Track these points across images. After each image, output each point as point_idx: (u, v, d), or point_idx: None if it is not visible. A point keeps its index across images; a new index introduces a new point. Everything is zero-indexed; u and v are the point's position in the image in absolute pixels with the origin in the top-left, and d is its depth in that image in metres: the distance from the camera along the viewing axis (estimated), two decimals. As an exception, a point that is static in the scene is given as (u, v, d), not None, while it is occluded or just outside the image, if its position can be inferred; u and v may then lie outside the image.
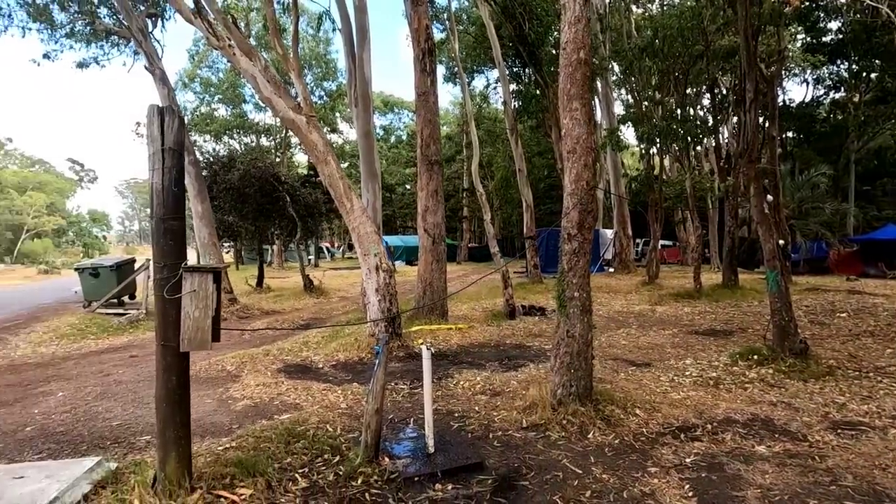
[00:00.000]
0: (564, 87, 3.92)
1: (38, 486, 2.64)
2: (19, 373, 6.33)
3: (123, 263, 11.79)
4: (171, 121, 2.47)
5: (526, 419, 3.73)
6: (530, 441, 3.40)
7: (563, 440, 3.39)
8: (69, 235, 60.65)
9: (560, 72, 4.01)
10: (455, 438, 3.49)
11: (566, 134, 3.93)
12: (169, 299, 2.50)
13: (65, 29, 13.03)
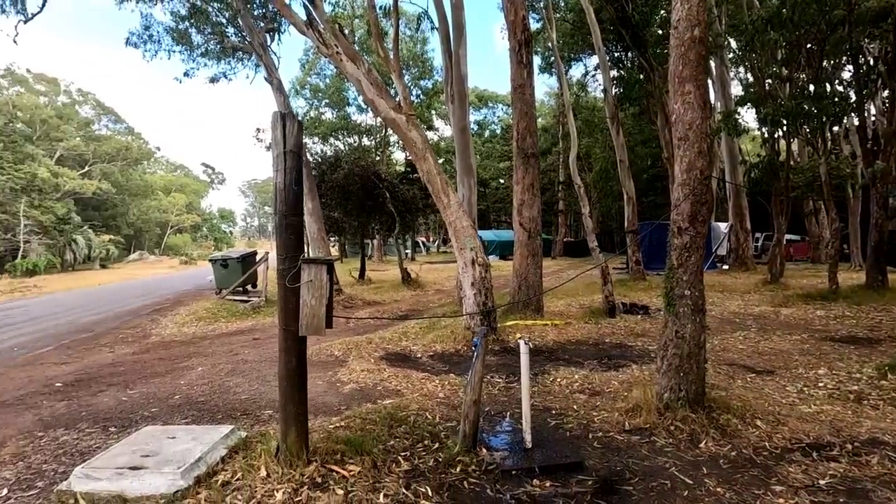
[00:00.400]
0: (675, 70, 3.65)
1: (186, 446, 3.06)
2: (168, 349, 7.39)
3: (247, 255, 13.18)
4: (291, 125, 2.72)
5: (629, 421, 3.56)
6: (634, 445, 3.25)
7: (670, 447, 3.19)
8: (203, 231, 69.09)
9: (670, 53, 3.73)
10: (552, 436, 3.44)
11: (677, 120, 3.65)
12: (289, 288, 2.76)
13: (201, 49, 14.80)
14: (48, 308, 13.65)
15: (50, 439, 3.71)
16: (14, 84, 45.18)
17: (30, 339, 8.58)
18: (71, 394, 4.97)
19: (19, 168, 34.64)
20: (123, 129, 54.44)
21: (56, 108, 46.30)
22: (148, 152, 58.09)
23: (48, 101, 46.43)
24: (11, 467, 3.23)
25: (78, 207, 41.69)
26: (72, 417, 4.20)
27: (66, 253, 38.12)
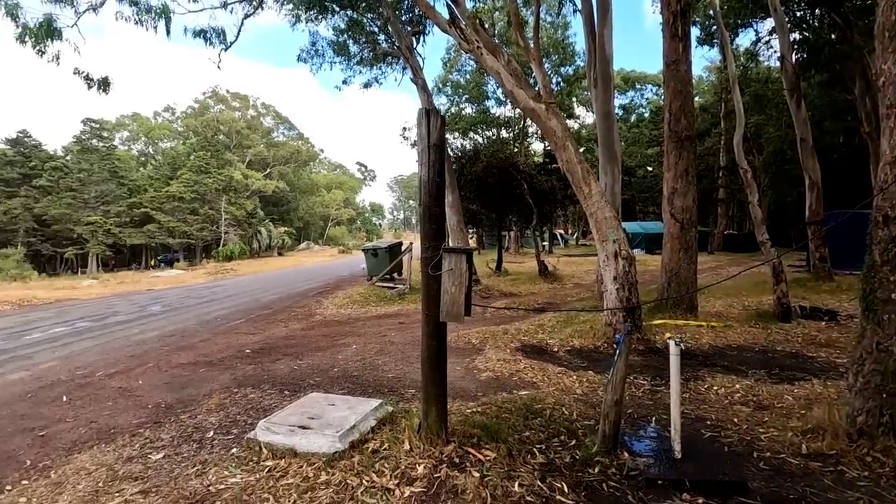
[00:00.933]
0: (887, 20, 2.96)
1: (343, 413, 3.44)
2: (329, 327, 8.36)
3: (394, 246, 14.25)
4: (434, 120, 2.84)
5: (807, 444, 3.04)
6: (813, 472, 2.76)
7: (865, 481, 2.64)
8: (357, 223, 76.51)
9: (879, 1, 3.03)
10: (707, 448, 3.10)
11: (887, 83, 2.96)
12: (432, 275, 2.91)
13: (356, 58, 16.29)
14: (240, 288, 16.46)
15: (242, 395, 4.48)
16: (217, 103, 54.95)
17: (228, 312, 10.47)
18: (256, 359, 5.93)
19: (221, 172, 42.12)
20: (295, 135, 62.70)
21: (247, 120, 55.15)
22: (314, 154, 66.07)
23: (241, 115, 55.52)
24: (216, 415, 3.98)
25: (261, 204, 49.25)
26: (257, 379, 5.01)
27: (253, 242, 45.43)
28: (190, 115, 53.60)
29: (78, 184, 35.47)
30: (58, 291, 16.67)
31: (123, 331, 8.42)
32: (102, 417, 4.07)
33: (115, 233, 35.41)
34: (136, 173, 43.26)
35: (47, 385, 5.13)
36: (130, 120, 52.13)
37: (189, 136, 50.35)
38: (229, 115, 53.33)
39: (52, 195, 34.38)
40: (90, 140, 38.67)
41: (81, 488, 2.82)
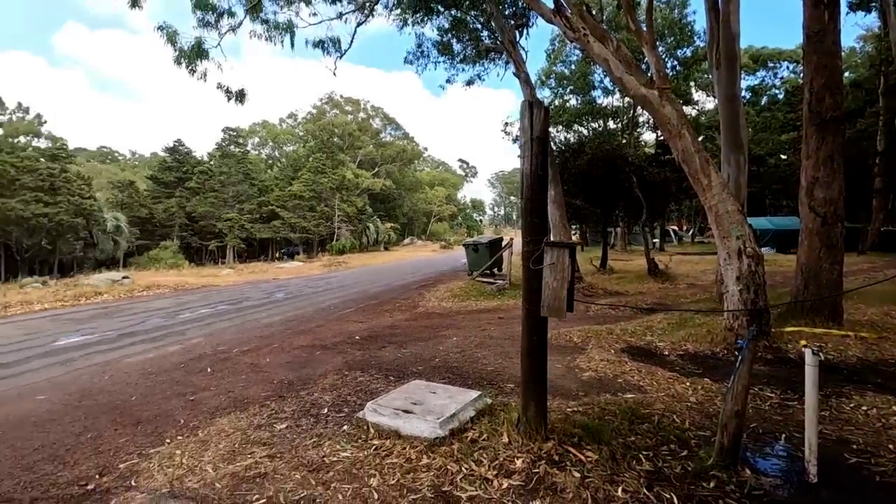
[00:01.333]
0: None
1: (443, 402, 3.55)
2: (430, 319, 8.65)
3: (494, 241, 14.29)
4: (538, 112, 2.80)
5: None
6: None
7: None
8: (458, 219, 77.83)
9: None
10: (850, 476, 2.69)
11: None
12: (533, 270, 2.88)
13: (460, 56, 16.53)
14: (351, 279, 17.66)
15: (351, 378, 4.82)
16: (332, 108, 59.28)
17: (340, 301, 11.31)
18: (364, 346, 6.33)
19: (335, 172, 45.44)
20: (401, 135, 65.47)
21: (358, 123, 58.80)
22: (418, 153, 68.45)
23: (353, 118, 59.32)
24: (329, 394, 4.34)
25: (370, 201, 52.26)
26: (365, 364, 5.35)
27: (362, 237, 48.41)
28: (309, 121, 58.52)
29: (219, 185, 40.56)
30: (203, 278, 19.26)
31: (254, 314, 9.51)
32: (237, 388, 4.64)
33: (248, 228, 39.94)
34: (265, 175, 48.31)
35: (195, 357, 5.98)
36: (260, 127, 58.34)
37: (308, 140, 55.01)
38: (342, 118, 57.29)
39: (200, 195, 39.72)
40: (228, 146, 44.00)
41: (222, 447, 3.25)
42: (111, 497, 2.71)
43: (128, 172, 49.82)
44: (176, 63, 7.72)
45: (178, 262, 32.25)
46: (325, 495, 2.62)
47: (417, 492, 2.61)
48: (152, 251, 35.33)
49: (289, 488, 2.70)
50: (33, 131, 42.36)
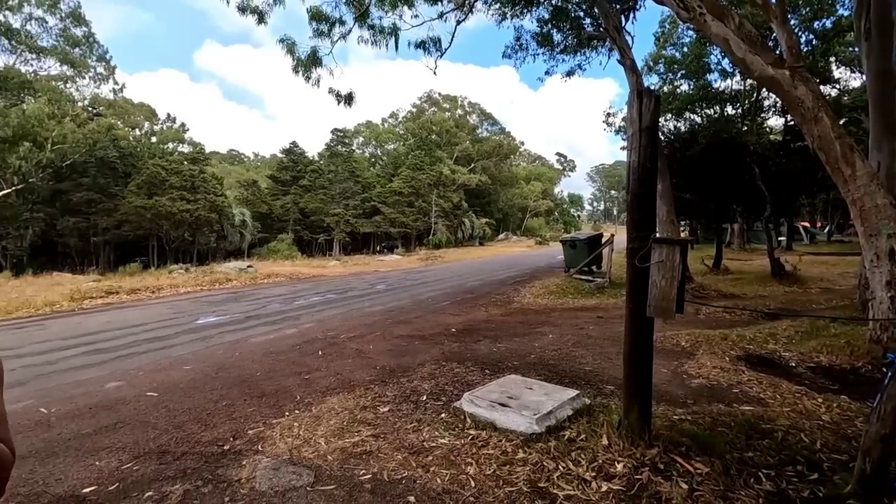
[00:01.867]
0: None
1: (539, 398, 3.53)
2: (525, 315, 8.59)
3: (593, 238, 13.75)
4: (648, 102, 2.66)
5: None
6: None
7: None
8: (555, 215, 75.88)
9: None
10: None
11: None
12: (639, 268, 2.75)
13: (560, 46, 16.07)
14: (447, 273, 18.06)
15: (448, 368, 4.97)
16: (431, 106, 60.81)
17: (437, 294, 11.64)
18: (461, 338, 6.47)
19: (433, 168, 46.63)
20: (497, 129, 65.27)
21: (455, 119, 59.70)
22: (514, 147, 67.77)
23: (450, 115, 60.34)
24: (428, 382, 4.51)
25: (465, 196, 52.86)
26: (461, 356, 5.48)
27: (457, 232, 49.20)
28: (408, 119, 60.64)
29: (327, 182, 43.64)
30: (314, 269, 20.93)
31: (358, 303, 10.16)
32: (345, 371, 5.01)
33: (352, 222, 42.54)
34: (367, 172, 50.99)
35: (308, 341, 6.55)
36: (364, 127, 61.65)
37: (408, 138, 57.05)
38: (440, 116, 58.54)
39: (311, 192, 43.07)
40: (336, 146, 47.13)
41: (332, 424, 3.55)
42: (242, 458, 3.08)
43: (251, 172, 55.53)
44: (294, 71, 8.51)
45: (293, 253, 35.33)
46: (424, 477, 2.75)
47: (513, 484, 2.63)
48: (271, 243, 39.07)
49: (391, 467, 2.87)
50: (179, 138, 48.90)
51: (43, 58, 27.24)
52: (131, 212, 29.70)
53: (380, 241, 48.31)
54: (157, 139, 46.00)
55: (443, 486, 2.66)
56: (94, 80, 30.48)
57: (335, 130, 47.41)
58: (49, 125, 24.48)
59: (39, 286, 14.00)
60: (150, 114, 46.36)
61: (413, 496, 2.57)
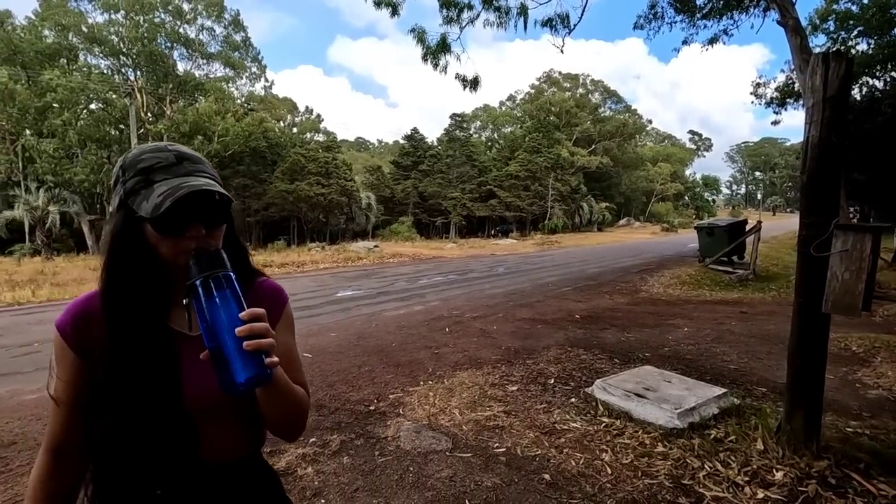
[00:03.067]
0: None
1: (680, 392, 3.34)
2: (655, 305, 8.07)
3: (735, 224, 12.36)
4: (836, 67, 2.31)
5: None
6: None
7: None
8: (685, 199, 69.36)
9: None
10: None
11: None
12: (812, 257, 2.44)
13: (703, 10, 14.48)
14: (565, 258, 17.61)
15: (574, 354, 4.90)
16: (550, 86, 58.89)
17: (556, 279, 11.44)
18: (585, 325, 6.32)
19: (550, 151, 45.39)
20: (622, 108, 61.16)
21: (576, 99, 57.17)
22: (641, 126, 63.06)
23: (570, 95, 57.90)
24: (554, 366, 4.50)
25: (584, 179, 50.67)
26: (587, 343, 5.36)
27: (574, 216, 47.50)
28: (526, 101, 59.45)
29: (445, 167, 44.85)
30: (432, 250, 21.82)
31: (478, 285, 10.40)
32: (471, 349, 5.21)
33: (469, 206, 43.31)
34: (484, 156, 51.30)
35: (435, 318, 6.90)
36: (482, 111, 61.87)
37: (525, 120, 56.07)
38: (560, 96, 56.43)
39: (429, 177, 44.66)
40: (454, 131, 48.07)
41: (464, 397, 3.73)
42: (387, 419, 3.39)
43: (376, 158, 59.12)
44: (423, 59, 8.86)
45: (412, 235, 37.12)
46: (558, 458, 2.78)
47: (653, 477, 2.55)
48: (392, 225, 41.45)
49: (524, 444, 2.95)
50: (315, 128, 53.81)
51: (211, 62, 31.66)
52: (277, 195, 33.54)
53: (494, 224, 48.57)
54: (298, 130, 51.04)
55: (577, 468, 2.67)
56: (249, 80, 34.75)
57: (453, 115, 48.32)
58: (215, 121, 28.47)
59: (210, 258, 16.54)
60: (291, 107, 51.59)
61: (548, 474, 2.62)
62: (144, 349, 0.79)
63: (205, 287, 0.73)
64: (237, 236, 0.92)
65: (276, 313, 0.93)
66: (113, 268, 0.81)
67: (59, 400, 0.83)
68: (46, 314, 8.25)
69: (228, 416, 0.85)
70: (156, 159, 0.80)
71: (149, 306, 0.81)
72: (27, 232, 23.74)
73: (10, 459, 2.95)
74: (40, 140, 24.85)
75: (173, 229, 0.77)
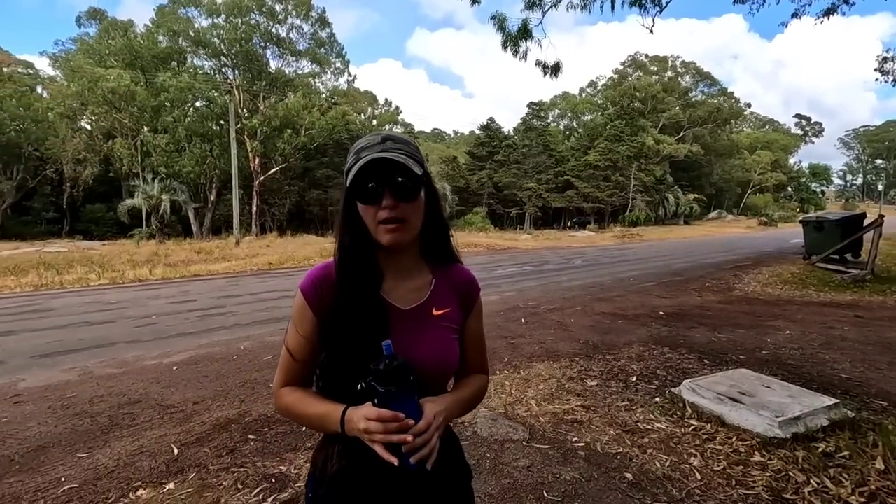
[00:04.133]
0: None
1: (781, 399, 3.06)
2: (751, 305, 7.43)
3: (850, 219, 11.02)
4: None
5: None
6: None
7: None
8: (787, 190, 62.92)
9: None
10: None
11: None
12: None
13: (818, -21, 12.94)
14: (648, 252, 16.72)
15: (658, 352, 4.65)
16: (635, 70, 55.74)
17: (639, 273, 10.90)
18: (670, 322, 5.97)
19: (634, 139, 43.10)
20: (716, 91, 56.47)
21: (663, 83, 53.66)
22: (737, 111, 57.94)
23: (658, 79, 54.43)
24: (636, 363, 4.31)
25: (671, 169, 47.61)
26: (673, 341, 5.06)
27: (658, 209, 44.86)
28: (609, 87, 56.75)
29: (521, 157, 44.16)
30: (506, 241, 21.66)
31: (555, 277, 10.19)
32: (547, 341, 5.12)
33: (544, 197, 42.41)
34: (561, 146, 49.82)
35: (511, 308, 6.86)
36: (560, 99, 60.02)
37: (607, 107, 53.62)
38: (646, 80, 53.20)
39: (505, 167, 44.21)
40: (531, 120, 47.11)
41: (541, 389, 3.69)
42: (463, 405, 3.44)
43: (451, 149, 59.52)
44: (503, 47, 8.73)
45: (486, 225, 37.09)
46: (641, 458, 2.67)
47: (749, 488, 2.37)
48: (466, 216, 41.65)
49: (605, 440, 2.86)
50: (394, 120, 55.24)
51: (299, 59, 33.47)
52: (357, 186, 34.94)
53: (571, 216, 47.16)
54: (377, 122, 52.65)
55: (662, 470, 2.54)
56: (333, 75, 36.33)
57: (531, 104, 47.32)
58: (303, 115, 30.15)
59: (296, 245, 17.70)
60: (371, 100, 53.30)
61: (630, 473, 2.52)
62: (363, 315, 0.91)
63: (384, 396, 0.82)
64: (442, 216, 1.01)
65: (471, 302, 1.07)
66: (340, 240, 0.96)
67: (295, 354, 0.96)
68: (161, 290, 9.27)
69: (425, 383, 0.92)
70: (367, 141, 0.92)
71: (367, 278, 0.94)
72: (144, 218, 26.74)
73: (136, 415, 3.37)
74: (155, 136, 27.78)
75: (367, 197, 0.88)
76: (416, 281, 1.00)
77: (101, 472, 2.61)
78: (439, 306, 0.99)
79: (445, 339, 0.98)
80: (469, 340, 1.06)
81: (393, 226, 0.88)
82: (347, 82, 39.82)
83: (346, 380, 0.89)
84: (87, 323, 6.42)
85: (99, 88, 25.99)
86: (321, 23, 32.76)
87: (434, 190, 0.98)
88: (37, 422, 3.27)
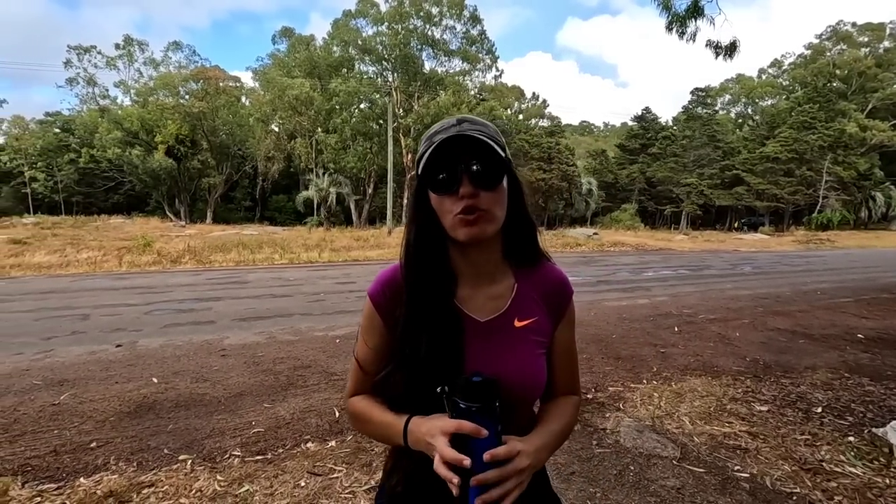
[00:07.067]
0: None
1: None
2: None
3: None
4: None
5: None
6: None
7: None
8: None
9: None
10: None
11: None
12: None
13: None
14: (843, 262, 13.92)
15: (855, 382, 3.86)
16: (836, 44, 46.45)
17: (829, 286, 9.14)
18: (872, 348, 4.90)
19: (829, 126, 36.07)
20: (958, 61, 44.19)
21: (876, 56, 43.87)
22: None
23: (868, 52, 44.66)
24: (822, 392, 3.64)
25: (881, 162, 38.86)
26: (876, 371, 4.16)
27: (860, 210, 37.00)
28: (798, 66, 48.23)
29: (680, 149, 40.07)
30: (658, 241, 19.91)
31: (717, 283, 9.07)
32: (705, 354, 4.60)
33: (707, 194, 37.92)
34: (732, 136, 43.93)
35: (662, 314, 6.31)
36: (733, 83, 52.82)
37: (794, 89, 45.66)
38: (852, 54, 43.93)
39: (660, 161, 40.58)
40: (695, 108, 42.38)
41: (696, 405, 3.33)
42: (605, 411, 3.28)
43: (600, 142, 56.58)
44: (667, 29, 7.95)
45: (635, 223, 34.57)
46: (825, 504, 2.26)
47: None
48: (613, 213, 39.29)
49: (776, 476, 2.49)
50: (540, 114, 54.42)
51: (451, 59, 34.86)
52: (501, 180, 35.30)
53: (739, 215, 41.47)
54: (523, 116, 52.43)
55: (855, 524, 2.12)
56: (481, 71, 37.07)
57: (695, 90, 42.60)
58: (452, 112, 31.43)
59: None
60: (518, 94, 53.18)
61: (810, 519, 2.15)
62: (434, 324, 0.80)
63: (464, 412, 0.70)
64: (526, 211, 0.87)
65: (562, 308, 0.89)
66: (406, 238, 0.85)
67: (365, 366, 0.87)
68: (327, 272, 10.56)
69: (507, 409, 0.77)
70: (441, 126, 0.81)
71: (438, 283, 0.82)
72: (315, 208, 30.64)
73: (307, 377, 3.90)
74: (326, 135, 31.56)
75: (441, 185, 0.76)
76: (497, 287, 0.86)
77: (280, 422, 3.08)
78: (522, 316, 0.84)
79: (531, 354, 0.83)
80: (557, 354, 0.88)
81: (472, 216, 0.75)
82: (495, 78, 40.27)
83: (409, 399, 0.80)
84: (272, 295, 7.60)
85: (286, 96, 30.41)
86: (473, 20, 33.62)
87: (517, 180, 0.84)
88: (236, 373, 3.98)
